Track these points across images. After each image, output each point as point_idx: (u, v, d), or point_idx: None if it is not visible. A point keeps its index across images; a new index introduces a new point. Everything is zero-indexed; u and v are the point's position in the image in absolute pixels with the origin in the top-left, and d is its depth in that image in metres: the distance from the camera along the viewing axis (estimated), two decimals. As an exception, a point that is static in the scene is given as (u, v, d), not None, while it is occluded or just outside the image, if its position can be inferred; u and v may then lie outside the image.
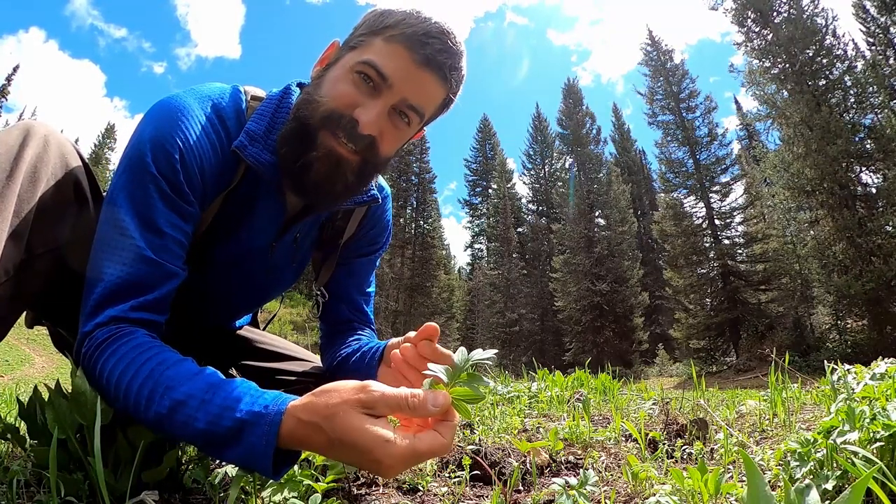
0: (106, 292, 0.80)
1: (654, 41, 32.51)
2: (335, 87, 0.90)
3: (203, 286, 1.05)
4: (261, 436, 0.64)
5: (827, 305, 21.41)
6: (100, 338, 0.77)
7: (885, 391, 0.94)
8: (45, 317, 1.09)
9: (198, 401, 0.68)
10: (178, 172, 0.85)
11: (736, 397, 2.52)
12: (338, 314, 1.24)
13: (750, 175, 26.98)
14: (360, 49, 0.90)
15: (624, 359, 28.12)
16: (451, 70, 0.91)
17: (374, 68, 0.87)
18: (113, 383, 0.73)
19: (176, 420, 0.68)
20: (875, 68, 18.93)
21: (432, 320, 5.48)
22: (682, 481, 0.82)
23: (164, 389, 0.70)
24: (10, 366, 18.48)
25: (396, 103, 0.89)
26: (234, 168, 0.95)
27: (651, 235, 33.88)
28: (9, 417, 1.74)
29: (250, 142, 0.93)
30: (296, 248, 1.13)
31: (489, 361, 0.66)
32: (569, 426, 1.43)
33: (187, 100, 0.90)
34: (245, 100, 0.99)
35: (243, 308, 1.31)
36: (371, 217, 1.20)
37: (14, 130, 0.83)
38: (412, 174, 44.11)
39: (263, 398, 0.67)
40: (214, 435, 0.66)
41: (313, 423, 0.62)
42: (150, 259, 0.82)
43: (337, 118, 0.88)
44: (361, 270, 1.25)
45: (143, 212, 0.83)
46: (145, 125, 0.87)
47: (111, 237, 0.82)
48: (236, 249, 1.05)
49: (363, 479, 1.10)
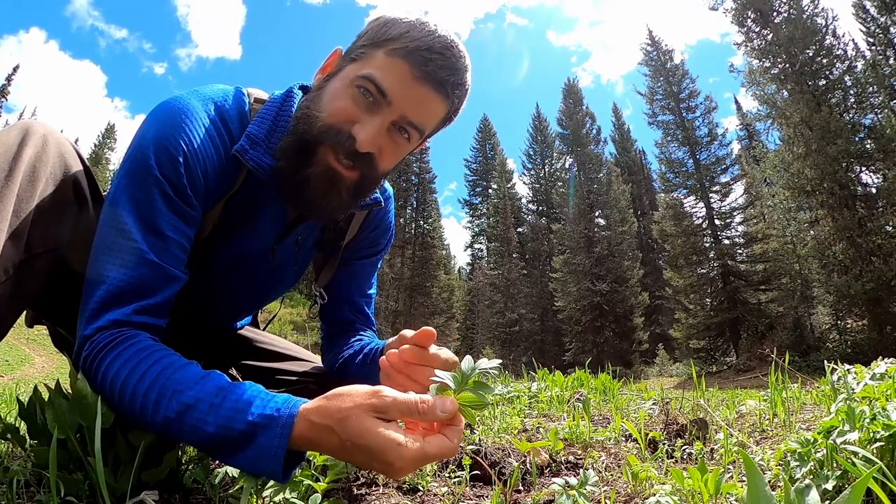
0: (108, 295, 0.79)
1: (654, 41, 32.51)
2: (334, 101, 0.88)
3: (205, 288, 1.04)
4: (273, 438, 0.64)
5: (827, 305, 21.41)
6: (102, 342, 0.76)
7: (885, 391, 0.94)
8: (45, 316, 1.09)
9: (207, 404, 0.68)
10: (181, 175, 0.85)
11: (736, 397, 2.52)
12: (339, 315, 1.23)
13: (750, 175, 26.99)
14: (361, 61, 0.89)
15: (624, 359, 28.12)
16: (453, 87, 0.89)
17: (374, 83, 0.85)
18: (118, 387, 0.73)
19: (185, 424, 0.68)
20: (875, 68, 18.93)
21: (432, 320, 5.49)
22: (682, 481, 0.82)
23: (173, 393, 0.69)
24: (10, 366, 18.47)
25: (396, 119, 0.88)
26: (237, 171, 0.95)
27: (651, 235, 33.87)
28: (9, 417, 1.74)
29: (251, 145, 0.92)
30: (297, 251, 1.13)
31: (494, 371, 0.68)
32: (569, 426, 1.43)
33: (191, 102, 0.89)
34: (248, 102, 0.98)
35: (245, 309, 1.31)
36: (373, 219, 1.20)
37: (13, 130, 0.83)
38: (412, 174, 44.13)
39: (274, 401, 0.68)
40: (225, 438, 0.67)
41: (326, 425, 0.63)
42: (152, 262, 0.81)
43: (335, 134, 0.87)
44: (363, 272, 1.24)
45: (145, 214, 0.82)
46: (148, 127, 0.86)
47: (113, 239, 0.81)
48: (238, 252, 1.04)
49: (363, 479, 1.10)
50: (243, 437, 0.66)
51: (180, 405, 0.69)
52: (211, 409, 0.67)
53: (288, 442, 0.64)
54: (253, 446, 0.65)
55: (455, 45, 0.88)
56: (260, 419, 0.65)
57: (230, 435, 0.66)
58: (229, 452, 0.68)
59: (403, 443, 0.62)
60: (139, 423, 0.74)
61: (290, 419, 0.65)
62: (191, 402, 0.68)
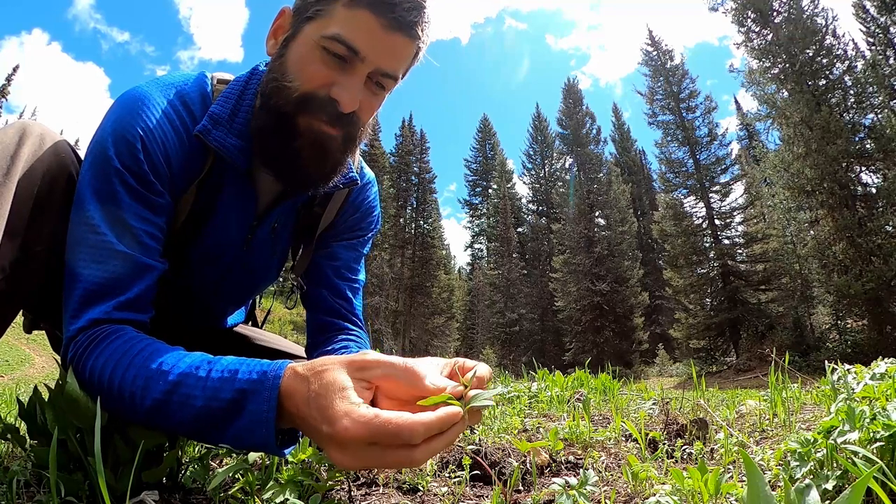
0: (85, 293, 0.78)
1: (654, 41, 32.51)
2: (304, 67, 0.84)
3: (184, 287, 1.03)
4: (262, 402, 0.61)
5: (827, 305, 21.41)
6: (84, 341, 0.76)
7: (885, 391, 0.94)
8: (42, 318, 1.08)
9: (194, 378, 0.66)
10: (141, 163, 0.83)
11: (736, 397, 2.52)
12: (320, 302, 1.15)
13: (750, 175, 26.99)
14: (320, 20, 0.83)
15: (624, 359, 28.14)
16: (421, 26, 0.85)
17: (342, 42, 0.81)
18: (106, 381, 0.72)
19: (173, 402, 0.66)
20: (875, 68, 18.93)
21: (432, 320, 5.47)
22: (682, 481, 0.82)
23: (159, 374, 0.68)
24: (10, 366, 18.47)
25: (371, 73, 0.85)
26: (204, 155, 0.92)
27: (651, 235, 33.85)
28: (9, 417, 1.74)
29: (214, 125, 0.89)
30: (274, 239, 1.09)
31: (489, 402, 0.61)
32: (569, 426, 1.43)
33: (147, 89, 0.88)
34: (211, 84, 0.96)
35: (230, 305, 1.28)
36: (351, 203, 1.15)
37: (10, 129, 0.83)
38: (412, 174, 44.13)
39: (261, 364, 0.65)
40: (215, 410, 0.64)
41: (304, 375, 0.61)
42: (122, 253, 0.80)
43: (314, 101, 0.84)
44: (344, 255, 1.17)
45: (110, 206, 0.81)
46: (107, 119, 0.85)
47: (82, 235, 0.80)
48: (211, 244, 1.01)
49: (363, 479, 1.10)
50: (232, 405, 0.63)
51: (167, 384, 0.67)
52: (198, 383, 0.65)
53: (277, 404, 0.61)
54: (244, 414, 0.63)
55: None
56: (247, 385, 0.63)
57: (219, 406, 0.64)
58: (221, 426, 0.65)
59: (360, 403, 0.57)
60: (130, 415, 0.72)
61: (276, 380, 0.62)
62: (177, 379, 0.67)
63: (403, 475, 1.10)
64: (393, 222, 39.85)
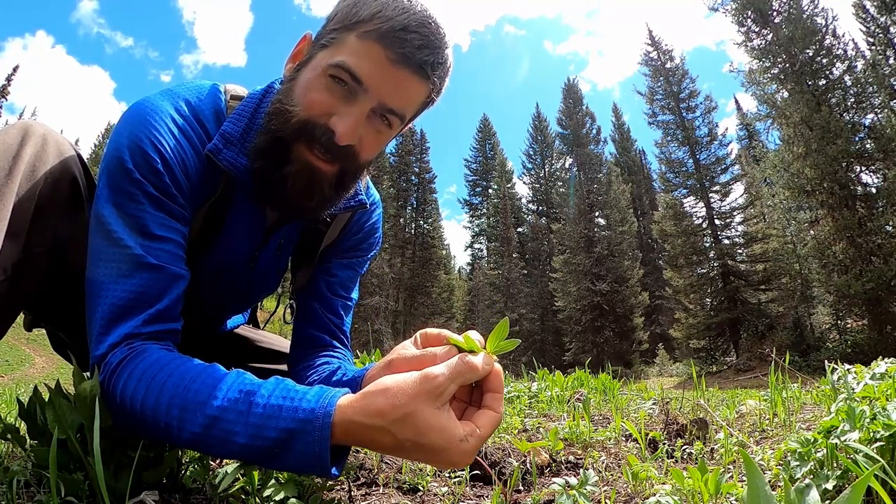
0: (114, 309, 0.76)
1: (654, 41, 32.48)
2: (307, 94, 0.83)
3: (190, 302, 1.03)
4: (311, 443, 0.61)
5: (827, 305, 21.42)
6: (114, 361, 0.74)
7: (885, 391, 0.94)
8: (43, 319, 1.07)
9: (234, 413, 0.64)
10: (160, 174, 0.82)
11: (736, 397, 2.52)
12: (309, 314, 1.12)
13: (750, 175, 26.99)
14: (332, 48, 0.83)
15: (624, 359, 28.13)
16: (433, 66, 0.83)
17: (348, 71, 0.80)
18: (139, 407, 0.70)
19: (213, 437, 0.65)
20: (875, 68, 18.92)
21: (432, 320, 5.49)
22: (682, 481, 0.82)
23: (196, 406, 0.66)
24: (10, 366, 18.47)
25: (374, 107, 0.83)
26: (219, 173, 0.90)
27: (651, 235, 33.85)
28: (9, 417, 1.74)
29: (225, 145, 0.88)
30: (279, 256, 1.09)
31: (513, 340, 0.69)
32: (569, 426, 1.43)
33: (159, 101, 0.86)
34: (224, 99, 0.94)
35: (231, 313, 1.30)
36: (355, 224, 1.14)
37: (12, 130, 0.83)
38: (412, 174, 44.13)
39: (306, 399, 0.64)
40: (259, 449, 0.63)
41: (378, 427, 0.61)
42: (150, 265, 0.78)
43: (311, 129, 0.82)
44: (339, 273, 1.16)
45: (132, 218, 0.79)
46: (119, 131, 0.83)
47: (104, 249, 0.78)
48: (219, 259, 1.01)
49: (363, 479, 1.10)
50: (278, 444, 0.63)
51: (205, 418, 0.65)
52: (238, 419, 0.64)
53: (330, 443, 0.61)
54: (293, 454, 0.62)
55: (432, 21, 0.81)
56: (294, 423, 0.62)
57: (263, 445, 0.63)
58: (267, 460, 0.65)
59: (464, 438, 0.62)
60: (167, 442, 0.71)
61: (327, 419, 0.61)
62: (215, 413, 0.65)
63: (403, 475, 1.10)
64: (393, 222, 39.83)
